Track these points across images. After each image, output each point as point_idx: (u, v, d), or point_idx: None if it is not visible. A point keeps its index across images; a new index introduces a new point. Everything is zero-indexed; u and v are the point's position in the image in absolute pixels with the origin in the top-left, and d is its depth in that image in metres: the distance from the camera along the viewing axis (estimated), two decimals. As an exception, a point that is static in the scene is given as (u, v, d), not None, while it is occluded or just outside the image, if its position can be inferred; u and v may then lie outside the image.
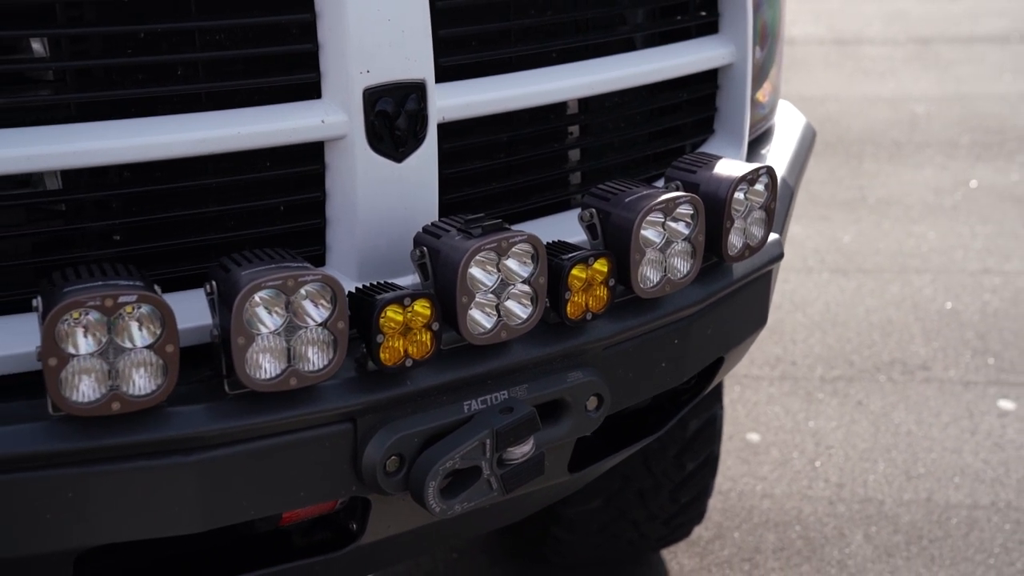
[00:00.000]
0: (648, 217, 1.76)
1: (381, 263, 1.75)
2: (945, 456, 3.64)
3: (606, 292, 1.75)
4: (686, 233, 1.82)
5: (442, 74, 1.75)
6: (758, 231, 1.96)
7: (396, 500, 1.71)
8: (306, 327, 1.51)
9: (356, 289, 1.62)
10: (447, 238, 1.64)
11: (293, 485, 1.60)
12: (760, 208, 1.94)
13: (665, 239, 1.80)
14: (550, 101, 1.91)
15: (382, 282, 1.66)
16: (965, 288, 4.77)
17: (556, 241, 1.79)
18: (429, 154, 1.74)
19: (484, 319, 1.66)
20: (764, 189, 1.93)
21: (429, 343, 1.61)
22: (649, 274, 1.81)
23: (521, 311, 1.68)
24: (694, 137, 2.22)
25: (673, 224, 1.80)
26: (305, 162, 1.71)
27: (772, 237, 2.04)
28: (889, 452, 3.67)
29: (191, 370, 1.52)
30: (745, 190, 1.90)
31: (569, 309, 1.73)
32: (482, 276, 1.64)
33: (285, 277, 1.47)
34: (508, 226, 1.67)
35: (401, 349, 1.59)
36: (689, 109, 2.20)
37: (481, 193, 1.90)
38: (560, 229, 1.93)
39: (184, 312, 1.49)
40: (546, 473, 1.75)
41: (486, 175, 1.91)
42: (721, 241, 1.89)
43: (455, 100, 1.77)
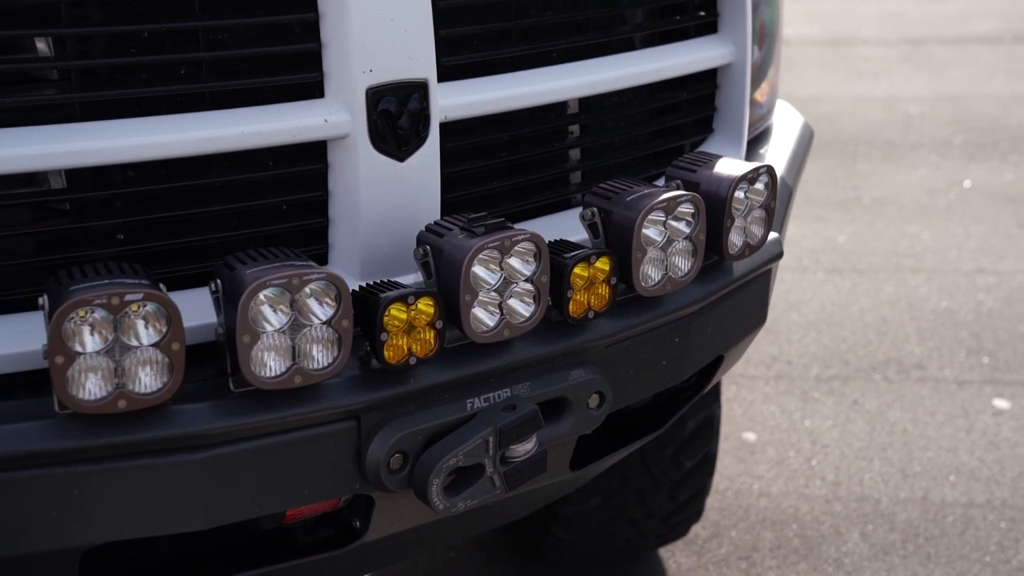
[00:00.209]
0: (650, 216, 1.77)
1: (383, 262, 1.76)
2: (941, 455, 3.65)
3: (608, 290, 1.76)
4: (687, 232, 1.82)
5: (444, 74, 1.75)
6: (758, 230, 1.97)
7: (399, 498, 1.71)
8: (311, 325, 1.51)
9: (360, 287, 1.63)
10: (450, 237, 1.65)
11: (297, 483, 1.60)
12: (760, 207, 1.95)
13: (666, 238, 1.81)
14: (551, 100, 1.92)
15: (385, 280, 1.67)
16: (959, 288, 4.79)
17: (558, 240, 1.79)
18: (431, 153, 1.75)
19: (487, 317, 1.66)
20: (764, 188, 1.94)
21: (433, 341, 1.61)
22: (650, 272, 1.81)
23: (524, 309, 1.69)
24: (693, 136, 2.23)
25: (674, 223, 1.81)
26: (308, 161, 1.71)
27: (772, 236, 2.05)
28: (885, 451, 3.68)
29: (196, 368, 1.52)
30: (745, 189, 1.91)
31: (571, 307, 1.74)
32: (485, 274, 1.64)
33: (290, 275, 1.48)
34: (511, 225, 1.67)
35: (405, 347, 1.59)
36: (689, 108, 2.21)
37: (483, 192, 1.90)
38: (561, 228, 1.93)
39: (188, 311, 1.49)
40: (548, 471, 1.76)
41: (488, 174, 1.92)
42: (722, 240, 1.90)
43: (457, 99, 1.77)
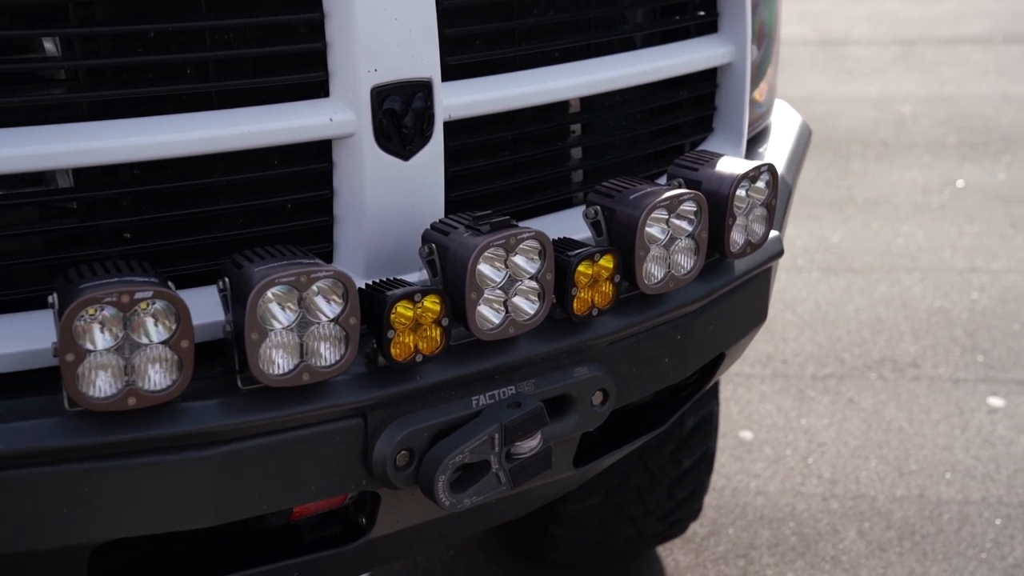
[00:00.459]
0: (653, 214, 1.78)
1: (388, 260, 1.77)
2: (936, 452, 3.67)
3: (611, 288, 1.77)
4: (690, 230, 1.83)
5: (448, 73, 1.76)
6: (759, 228, 1.98)
7: (405, 494, 1.73)
8: (318, 323, 1.52)
9: (367, 285, 1.64)
10: (455, 235, 1.66)
11: (304, 480, 1.61)
12: (761, 205, 1.96)
13: (669, 236, 1.82)
14: (554, 99, 1.93)
15: (391, 278, 1.68)
16: (953, 286, 4.81)
17: (561, 238, 1.80)
18: (436, 152, 1.76)
19: (492, 315, 1.67)
20: (765, 186, 1.95)
21: (439, 339, 1.62)
22: (653, 270, 1.82)
23: (528, 307, 1.70)
24: (694, 135, 2.24)
25: (677, 221, 1.82)
26: (313, 160, 1.72)
27: (772, 234, 2.07)
28: (881, 449, 3.69)
29: (204, 366, 1.53)
30: (747, 187, 1.92)
31: (575, 305, 1.75)
32: (490, 272, 1.65)
33: (298, 273, 1.49)
34: (515, 223, 1.68)
35: (411, 345, 1.60)
36: (689, 108, 2.22)
37: (486, 191, 1.91)
38: (563, 226, 1.94)
39: (195, 309, 1.50)
40: (552, 467, 1.77)
41: (491, 173, 1.93)
42: (723, 238, 1.91)
43: (461, 98, 1.78)
